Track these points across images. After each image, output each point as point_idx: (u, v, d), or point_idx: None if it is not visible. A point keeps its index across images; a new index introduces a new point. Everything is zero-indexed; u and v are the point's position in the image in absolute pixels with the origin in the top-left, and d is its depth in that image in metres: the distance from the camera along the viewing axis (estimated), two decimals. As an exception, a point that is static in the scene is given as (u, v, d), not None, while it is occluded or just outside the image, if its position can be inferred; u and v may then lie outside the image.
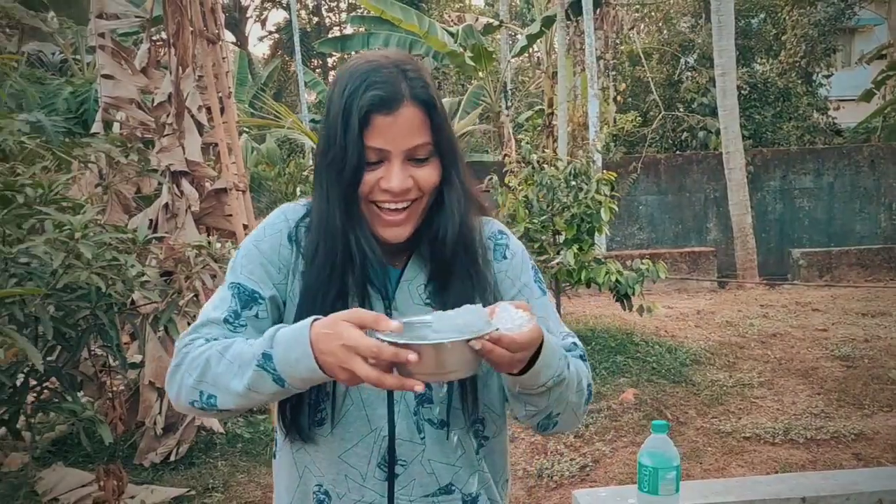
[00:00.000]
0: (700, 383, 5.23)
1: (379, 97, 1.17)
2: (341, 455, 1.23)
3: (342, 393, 1.21)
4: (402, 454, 1.23)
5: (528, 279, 1.33)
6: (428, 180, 1.21)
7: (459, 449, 1.26)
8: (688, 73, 13.92)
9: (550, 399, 1.17)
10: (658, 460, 1.74)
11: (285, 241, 1.28)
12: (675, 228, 11.66)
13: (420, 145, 1.19)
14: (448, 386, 1.22)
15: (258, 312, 1.23)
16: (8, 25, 11.07)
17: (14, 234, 2.89)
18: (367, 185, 1.19)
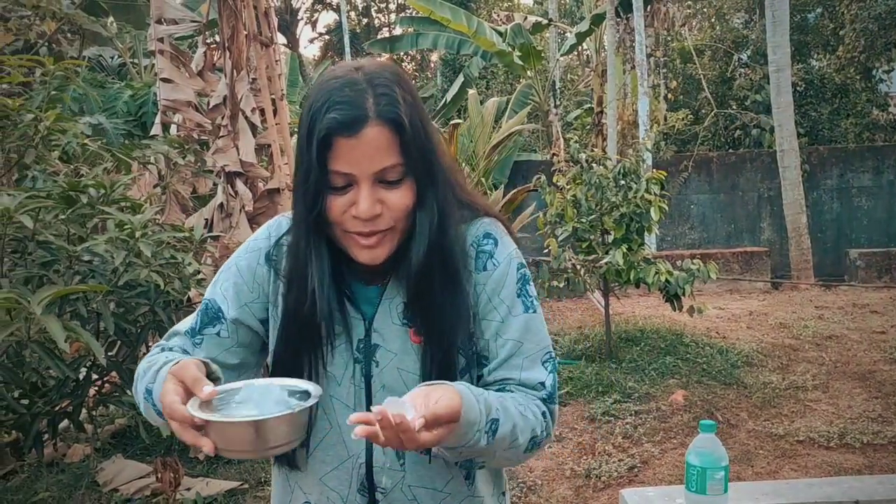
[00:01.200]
0: (752, 385, 5.15)
1: (337, 120, 1.08)
2: (322, 478, 1.21)
3: (319, 416, 1.19)
4: (380, 482, 1.19)
5: (510, 293, 1.22)
6: (399, 203, 1.13)
7: (446, 475, 1.21)
8: (741, 69, 13.65)
9: (464, 456, 1.13)
10: (706, 460, 1.73)
11: (262, 260, 1.26)
12: (727, 228, 11.46)
13: (389, 167, 1.11)
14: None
15: (220, 331, 1.23)
16: (70, 31, 11.43)
17: (78, 233, 3.01)
18: (337, 211, 1.12)
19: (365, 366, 1.19)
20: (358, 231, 1.13)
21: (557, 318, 7.60)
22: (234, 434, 0.97)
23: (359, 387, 1.19)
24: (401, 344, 1.19)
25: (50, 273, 2.83)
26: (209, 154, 4.39)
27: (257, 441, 0.97)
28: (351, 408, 1.18)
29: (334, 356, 1.20)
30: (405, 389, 1.12)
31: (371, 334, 1.20)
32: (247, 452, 1.00)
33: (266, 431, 0.98)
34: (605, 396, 4.96)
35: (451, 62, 16.45)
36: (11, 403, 2.86)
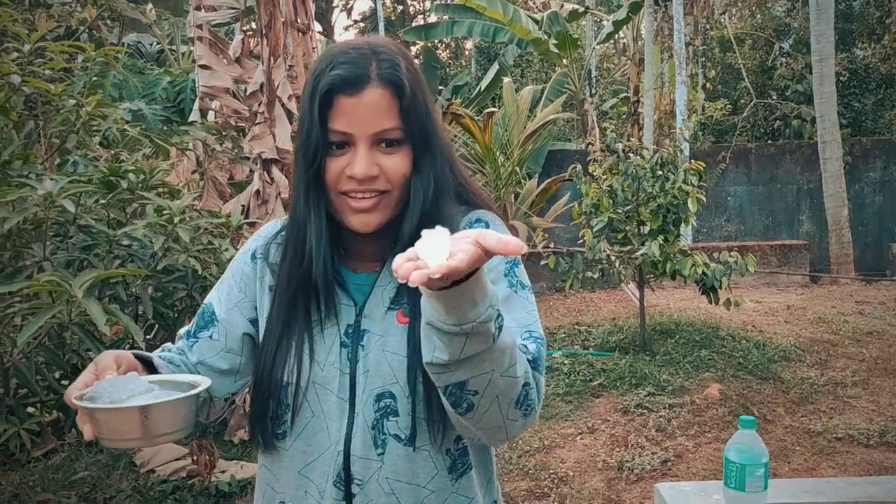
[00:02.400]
0: (789, 381, 5.07)
1: (341, 77, 1.10)
2: (301, 470, 1.16)
3: (301, 403, 1.16)
4: (356, 472, 1.13)
5: (496, 269, 1.16)
6: (396, 169, 1.13)
7: (430, 469, 1.15)
8: (782, 59, 13.39)
9: (464, 351, 0.95)
10: (746, 456, 1.70)
11: (248, 259, 1.27)
12: (765, 220, 11.27)
13: (388, 129, 1.12)
14: (412, 396, 1.12)
15: (212, 334, 1.24)
16: (110, 18, 11.58)
17: (118, 218, 3.04)
18: (334, 172, 1.13)
19: (351, 351, 1.16)
20: (353, 189, 1.12)
21: (591, 308, 7.55)
22: (115, 422, 0.98)
23: (343, 372, 1.15)
24: (385, 326, 1.16)
25: (90, 257, 2.87)
26: (246, 141, 4.41)
27: (140, 428, 0.98)
28: (334, 394, 1.15)
29: (322, 340, 1.17)
30: (389, 371, 1.13)
31: (361, 320, 1.17)
32: (130, 441, 1.00)
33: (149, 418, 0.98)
34: (638, 389, 4.92)
35: (486, 50, 16.36)
36: (53, 384, 2.91)
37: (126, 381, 1.02)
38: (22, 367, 2.71)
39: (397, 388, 1.13)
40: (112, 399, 0.99)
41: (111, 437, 0.99)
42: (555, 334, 6.41)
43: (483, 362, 0.98)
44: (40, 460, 4.04)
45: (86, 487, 3.74)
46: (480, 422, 1.06)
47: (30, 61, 3.28)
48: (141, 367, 1.13)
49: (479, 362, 0.97)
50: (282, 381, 1.17)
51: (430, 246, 0.85)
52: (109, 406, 0.98)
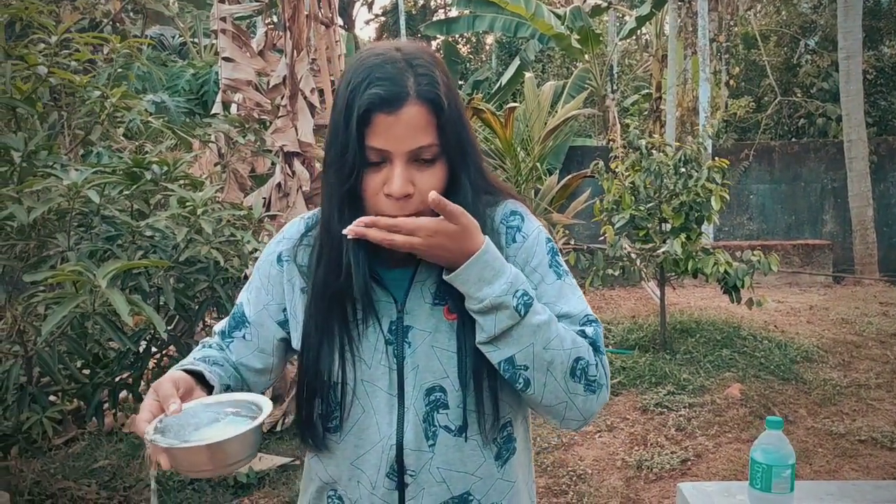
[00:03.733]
0: (811, 382, 5.01)
1: (379, 96, 1.09)
2: (354, 462, 1.21)
3: (352, 402, 1.20)
4: (409, 464, 1.18)
5: (541, 262, 1.23)
6: (429, 186, 1.13)
7: (478, 457, 1.20)
8: (807, 56, 13.22)
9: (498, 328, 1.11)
10: (772, 457, 1.67)
11: (274, 261, 1.29)
12: (788, 220, 11.14)
13: (425, 147, 1.12)
14: (462, 389, 1.17)
15: (245, 335, 1.29)
16: (133, 10, 11.65)
17: (141, 209, 3.06)
18: (371, 189, 1.13)
19: (397, 347, 1.19)
20: (387, 210, 1.12)
21: (610, 306, 7.51)
22: (191, 458, 1.04)
23: (391, 368, 1.18)
24: (434, 322, 1.19)
25: (114, 247, 2.89)
26: (268, 133, 4.42)
27: (212, 461, 1.04)
28: (384, 391, 1.18)
29: (365, 339, 1.20)
30: (439, 367, 1.17)
31: (403, 317, 1.20)
32: (205, 472, 1.06)
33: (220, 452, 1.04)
34: (658, 387, 4.89)
35: (507, 45, 16.31)
36: (75, 373, 2.94)
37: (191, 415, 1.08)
38: (45, 355, 2.73)
39: (447, 382, 1.18)
40: (177, 435, 1.05)
41: (187, 469, 1.05)
42: (574, 331, 6.38)
43: (521, 337, 1.12)
44: (61, 448, 4.08)
45: (106, 476, 3.78)
46: (543, 397, 1.16)
47: (56, 52, 3.30)
48: (194, 383, 1.16)
49: (517, 337, 1.12)
50: (329, 381, 1.20)
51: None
52: (181, 446, 1.03)
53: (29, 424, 2.77)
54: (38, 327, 2.70)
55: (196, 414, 1.09)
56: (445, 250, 1.10)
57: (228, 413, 1.11)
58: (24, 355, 2.79)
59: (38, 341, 2.73)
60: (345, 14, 26.66)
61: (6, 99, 3.04)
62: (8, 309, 2.83)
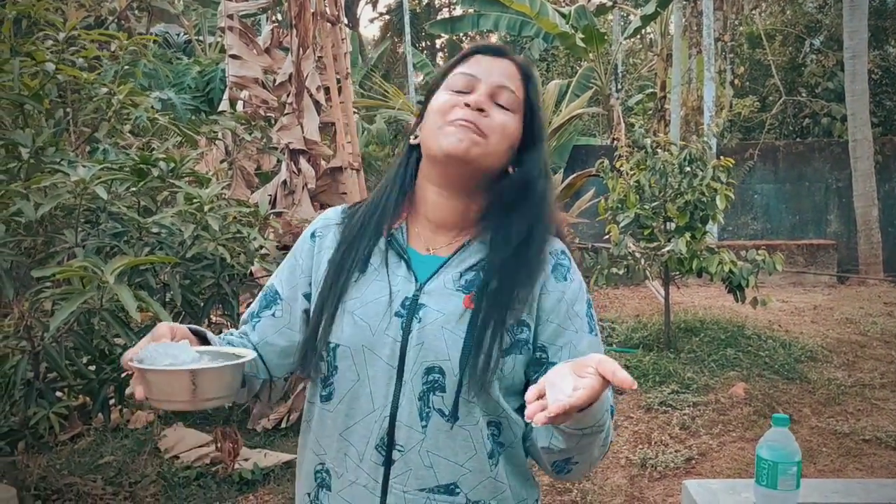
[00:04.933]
0: (816, 381, 5.01)
1: (487, 45, 1.28)
2: (343, 432, 1.20)
3: (348, 366, 1.20)
4: (400, 439, 1.17)
5: (581, 312, 1.25)
6: (501, 121, 1.21)
7: (468, 448, 1.17)
8: (813, 55, 13.19)
9: (581, 443, 1.10)
10: (778, 454, 1.68)
11: (308, 238, 1.34)
12: (793, 219, 11.12)
13: (508, 88, 1.23)
14: (460, 376, 1.16)
15: (275, 312, 1.31)
16: (139, 8, 11.67)
17: (147, 206, 3.07)
18: (447, 103, 1.21)
19: (405, 321, 1.19)
20: (460, 117, 1.18)
21: (615, 305, 7.51)
22: (165, 383, 1.04)
23: (396, 340, 1.18)
24: (451, 306, 1.19)
25: (121, 244, 2.90)
26: (274, 131, 4.43)
27: (189, 390, 1.03)
28: (384, 360, 1.18)
29: (374, 306, 1.21)
30: (444, 348, 1.16)
31: (420, 295, 1.21)
32: (178, 403, 1.05)
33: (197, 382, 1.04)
34: (662, 386, 4.89)
35: (512, 44, 16.30)
36: (81, 369, 2.94)
37: (173, 348, 1.08)
38: (52, 351, 2.74)
39: (448, 364, 1.16)
40: (155, 363, 1.05)
41: (160, 399, 1.05)
42: (578, 330, 6.38)
43: (592, 445, 1.13)
44: (67, 444, 4.10)
45: (111, 472, 3.79)
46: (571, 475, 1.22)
47: (63, 49, 3.30)
48: (195, 340, 1.18)
49: (589, 446, 1.13)
50: (330, 342, 1.22)
51: (556, 381, 0.95)
52: (162, 368, 1.04)
53: (36, 420, 2.78)
54: (46, 323, 2.71)
55: (179, 350, 1.09)
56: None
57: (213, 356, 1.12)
58: (31, 351, 2.79)
59: (46, 337, 2.74)
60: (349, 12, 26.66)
61: (14, 95, 3.05)
62: (15, 305, 2.84)
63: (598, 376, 0.94)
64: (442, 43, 18.51)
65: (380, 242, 1.25)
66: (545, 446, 1.15)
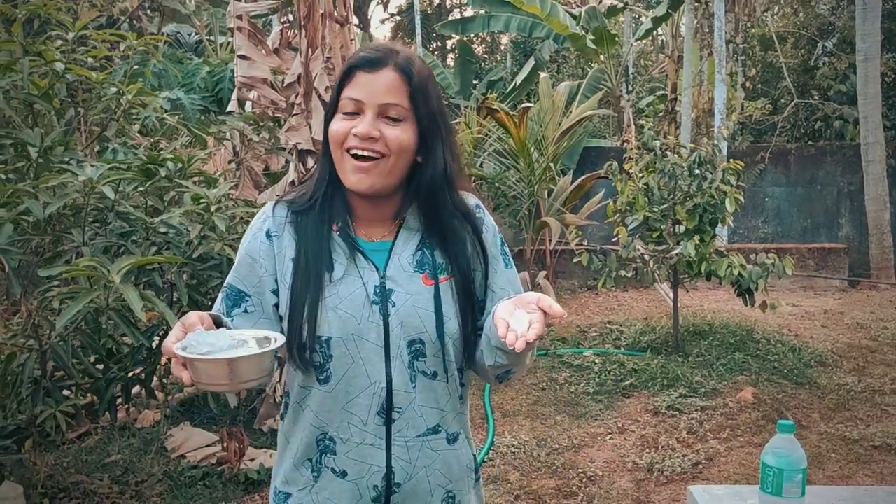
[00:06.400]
0: (825, 386, 4.97)
1: (363, 58, 1.35)
2: (345, 406, 1.37)
3: (343, 353, 1.35)
4: (398, 402, 1.37)
5: (499, 252, 1.49)
6: (395, 138, 1.33)
7: (446, 395, 1.42)
8: (825, 58, 13.11)
9: (519, 358, 1.33)
10: (784, 461, 1.66)
11: (264, 238, 1.42)
12: (804, 223, 11.06)
13: (393, 104, 1.33)
14: (440, 343, 1.37)
15: (246, 308, 1.40)
16: (150, 8, 11.72)
17: (155, 205, 3.07)
18: (341, 131, 1.34)
19: (382, 307, 1.37)
20: (354, 146, 1.32)
21: (623, 308, 7.48)
22: (210, 370, 1.15)
23: (378, 324, 1.36)
24: (415, 287, 1.39)
25: (128, 243, 2.90)
26: (282, 131, 4.43)
27: (230, 375, 1.16)
28: (372, 342, 1.36)
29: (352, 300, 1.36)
30: (420, 323, 1.37)
31: (385, 282, 1.38)
32: (222, 386, 1.17)
33: (237, 368, 1.16)
34: (670, 390, 4.86)
35: (522, 45, 16.28)
36: (88, 368, 2.95)
37: (210, 336, 1.19)
38: (59, 349, 2.75)
39: (426, 336, 1.38)
40: (198, 350, 1.16)
41: (205, 382, 1.17)
42: (586, 332, 6.36)
43: (525, 357, 1.36)
44: (74, 442, 4.11)
45: (118, 470, 3.80)
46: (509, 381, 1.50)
47: (73, 49, 3.32)
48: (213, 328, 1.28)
49: (523, 358, 1.35)
50: (321, 336, 1.35)
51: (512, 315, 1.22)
52: (205, 357, 1.15)
53: (43, 418, 2.79)
54: (53, 322, 2.72)
55: (218, 339, 1.19)
56: None
57: (246, 341, 1.22)
58: (38, 349, 2.80)
59: (53, 336, 2.75)
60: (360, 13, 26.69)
61: (24, 95, 3.06)
62: (23, 303, 2.85)
63: (540, 311, 1.20)
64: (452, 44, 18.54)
65: (335, 238, 1.40)
66: (492, 364, 1.37)
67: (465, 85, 16.07)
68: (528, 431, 4.43)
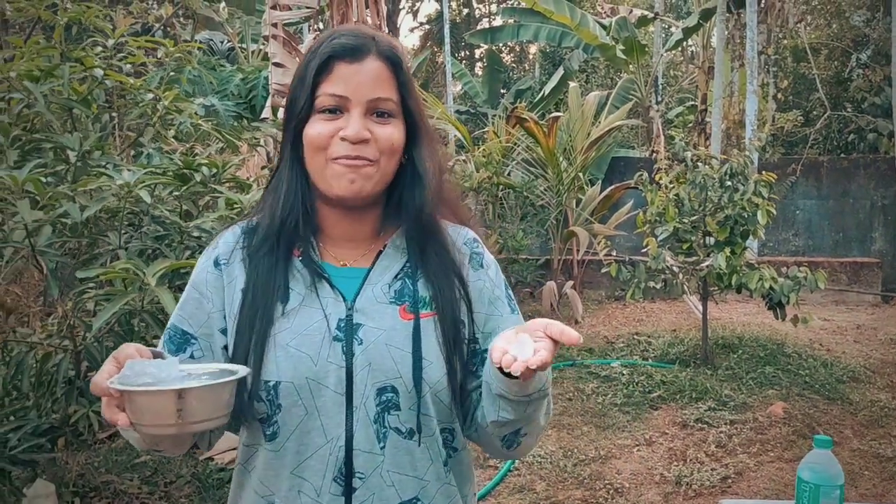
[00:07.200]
0: (858, 402, 4.89)
1: (342, 45, 1.13)
2: (294, 470, 1.12)
3: (294, 402, 1.11)
4: (359, 466, 1.11)
5: (501, 294, 1.25)
6: (387, 138, 1.13)
7: (426, 460, 1.15)
8: (859, 70, 12.95)
9: (528, 411, 1.09)
10: (820, 477, 1.64)
11: (211, 268, 1.20)
12: (835, 236, 10.90)
13: (383, 98, 1.13)
14: (417, 392, 1.12)
15: (192, 353, 1.17)
16: (184, 15, 11.88)
17: (189, 210, 3.11)
18: (324, 135, 1.12)
19: (346, 344, 1.12)
20: (344, 155, 1.11)
21: (651, 319, 7.43)
22: (154, 405, 0.92)
23: (338, 366, 1.11)
24: (389, 321, 1.14)
25: (162, 246, 2.94)
26: (313, 138, 4.45)
27: (179, 412, 0.92)
28: (331, 389, 1.11)
29: (308, 335, 1.12)
30: (393, 366, 1.11)
31: (353, 314, 1.14)
32: (168, 427, 0.93)
33: (188, 402, 0.92)
34: (698, 403, 4.82)
35: (551, 55, 16.26)
36: (121, 369, 2.99)
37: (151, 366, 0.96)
38: (93, 350, 2.78)
39: (400, 382, 1.12)
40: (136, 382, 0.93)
41: (148, 423, 0.93)
42: (613, 343, 6.32)
43: (538, 412, 1.13)
44: (104, 442, 4.16)
45: (147, 471, 3.84)
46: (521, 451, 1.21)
47: (111, 55, 3.38)
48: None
49: (535, 414, 1.12)
50: (269, 380, 1.11)
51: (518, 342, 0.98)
52: (144, 389, 0.92)
53: (76, 418, 2.82)
54: (88, 323, 2.76)
55: (161, 369, 0.96)
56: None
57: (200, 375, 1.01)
58: (73, 350, 2.85)
59: (88, 336, 2.78)
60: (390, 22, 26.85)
61: (63, 100, 3.12)
62: (59, 304, 2.89)
63: (549, 338, 0.97)
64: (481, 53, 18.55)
65: (294, 263, 1.17)
66: (494, 420, 1.11)
67: (492, 94, 16.10)
68: (555, 442, 4.41)
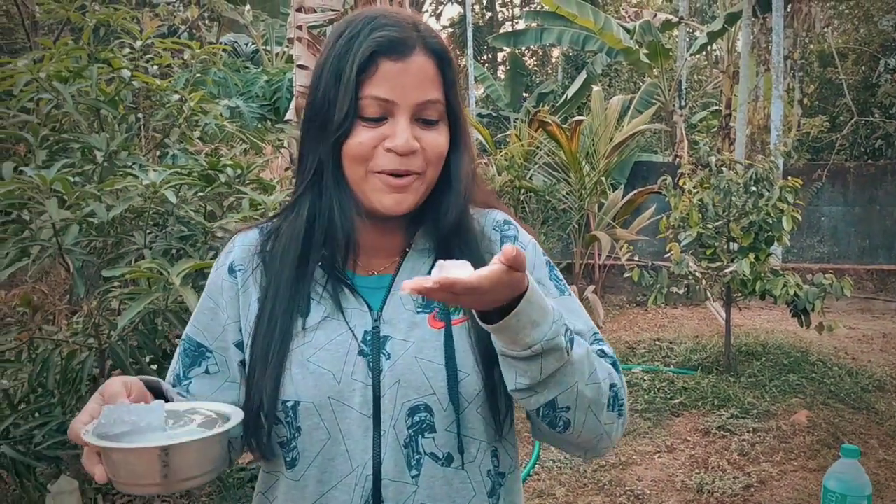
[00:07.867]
0: (884, 412, 4.82)
1: (388, 38, 0.97)
2: (317, 501, 1.02)
3: (315, 425, 1.01)
4: (388, 497, 1.00)
5: (543, 276, 1.10)
6: (435, 148, 1.01)
7: (469, 491, 1.02)
8: (887, 75, 12.79)
9: (545, 370, 0.92)
10: (847, 487, 1.61)
11: (226, 275, 1.11)
12: (861, 243, 10.76)
13: (432, 101, 1.00)
14: (455, 410, 1.00)
15: (208, 368, 1.08)
16: (209, 18, 12.00)
17: (214, 210, 3.13)
18: (367, 144, 0.99)
19: (373, 360, 1.01)
20: (391, 170, 0.99)
21: (673, 325, 7.37)
22: (133, 464, 0.83)
23: (366, 385, 1.01)
24: (419, 332, 1.03)
25: (186, 246, 2.96)
26: (337, 140, 4.47)
27: (162, 471, 0.83)
28: (356, 410, 1.00)
29: (332, 350, 1.02)
30: (424, 382, 1.01)
31: (380, 326, 1.03)
32: (150, 486, 0.83)
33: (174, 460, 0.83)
34: (721, 410, 4.77)
35: (574, 58, 16.22)
36: (144, 367, 3.01)
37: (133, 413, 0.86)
38: (118, 349, 2.81)
39: (434, 399, 1.00)
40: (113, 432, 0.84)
41: (124, 481, 0.84)
42: (635, 349, 6.28)
43: (565, 377, 0.95)
44: (128, 440, 4.19)
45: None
46: (581, 435, 1.01)
47: (138, 57, 3.41)
48: (151, 396, 0.96)
49: (561, 378, 0.95)
50: (287, 400, 1.02)
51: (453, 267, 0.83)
52: (123, 446, 0.83)
53: (100, 415, 2.85)
54: (113, 321, 2.78)
55: (143, 415, 0.86)
56: (498, 299, 0.88)
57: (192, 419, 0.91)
58: (97, 348, 2.87)
59: (113, 335, 2.81)
60: (413, 25, 26.85)
61: (91, 100, 3.16)
62: (85, 303, 2.92)
63: (498, 263, 0.82)
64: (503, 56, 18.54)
65: (316, 272, 1.06)
66: (513, 388, 0.95)
67: (515, 97, 16.08)
68: (575, 447, 4.38)
